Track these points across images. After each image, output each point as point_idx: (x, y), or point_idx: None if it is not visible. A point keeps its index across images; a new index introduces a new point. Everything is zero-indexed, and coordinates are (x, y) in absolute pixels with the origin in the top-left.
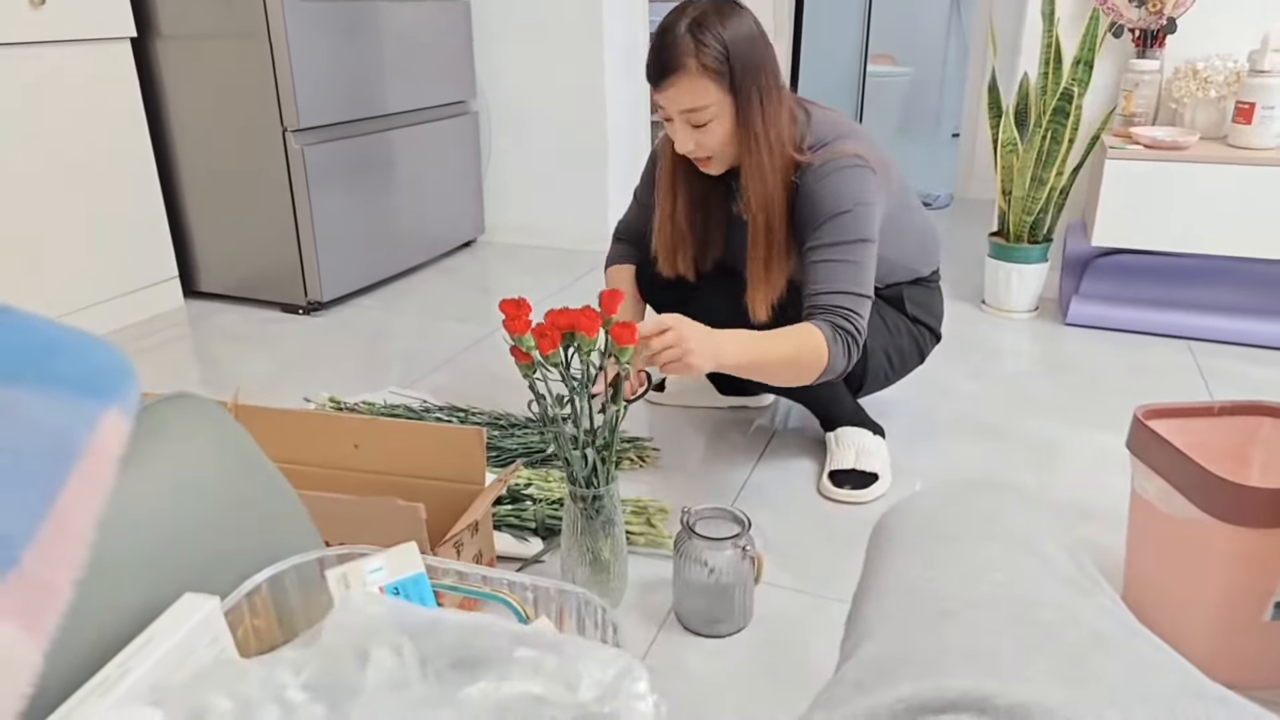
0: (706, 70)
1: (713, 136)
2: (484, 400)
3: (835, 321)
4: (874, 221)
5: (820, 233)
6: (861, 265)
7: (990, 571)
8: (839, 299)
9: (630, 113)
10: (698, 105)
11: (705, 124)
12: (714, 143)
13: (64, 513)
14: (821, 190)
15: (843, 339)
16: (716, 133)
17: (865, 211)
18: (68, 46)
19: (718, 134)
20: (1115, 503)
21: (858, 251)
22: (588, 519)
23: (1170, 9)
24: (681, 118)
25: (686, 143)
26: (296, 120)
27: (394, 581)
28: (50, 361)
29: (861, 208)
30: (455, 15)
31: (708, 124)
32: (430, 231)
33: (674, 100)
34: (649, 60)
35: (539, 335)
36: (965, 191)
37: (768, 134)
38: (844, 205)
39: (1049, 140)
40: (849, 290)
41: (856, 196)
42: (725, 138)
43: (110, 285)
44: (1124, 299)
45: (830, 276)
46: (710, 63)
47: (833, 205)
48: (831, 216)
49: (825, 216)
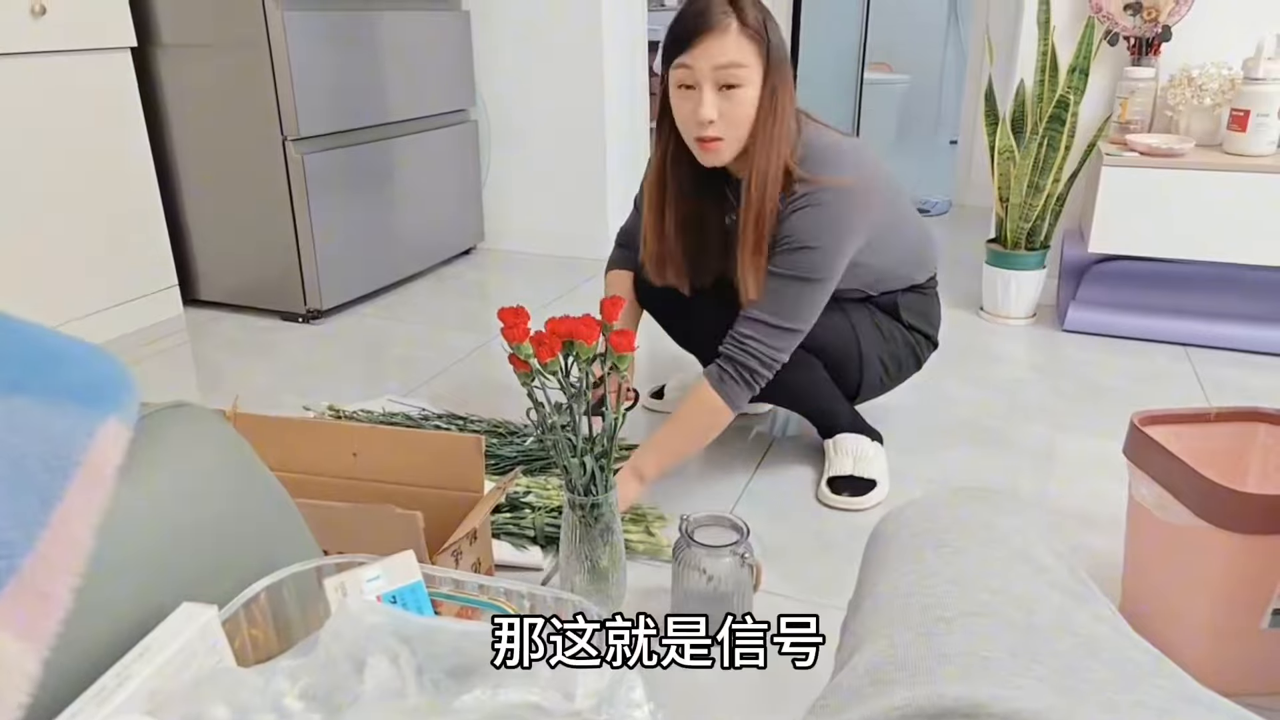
0: (747, 30)
1: (739, 106)
2: (483, 408)
3: (731, 355)
4: (838, 261)
5: (780, 259)
6: (803, 302)
7: (985, 579)
8: (755, 329)
9: (629, 121)
10: (736, 61)
11: (736, 87)
12: (739, 113)
13: (64, 521)
14: (795, 220)
15: (733, 375)
16: (744, 101)
17: (832, 251)
18: (68, 56)
19: (745, 103)
20: (1113, 509)
21: (805, 289)
22: (586, 527)
23: (1165, 17)
24: (713, 77)
25: (711, 109)
26: (296, 129)
27: (391, 590)
28: (51, 371)
29: (828, 247)
30: (454, 24)
31: (738, 89)
32: (429, 239)
33: (709, 55)
34: (678, 26)
35: (537, 343)
36: (963, 198)
37: (784, 121)
38: (811, 240)
39: (1045, 147)
40: (773, 322)
41: (828, 235)
42: (750, 110)
43: (110, 294)
44: (1121, 305)
45: (764, 302)
46: (751, 26)
47: (800, 236)
48: (795, 248)
49: (789, 245)
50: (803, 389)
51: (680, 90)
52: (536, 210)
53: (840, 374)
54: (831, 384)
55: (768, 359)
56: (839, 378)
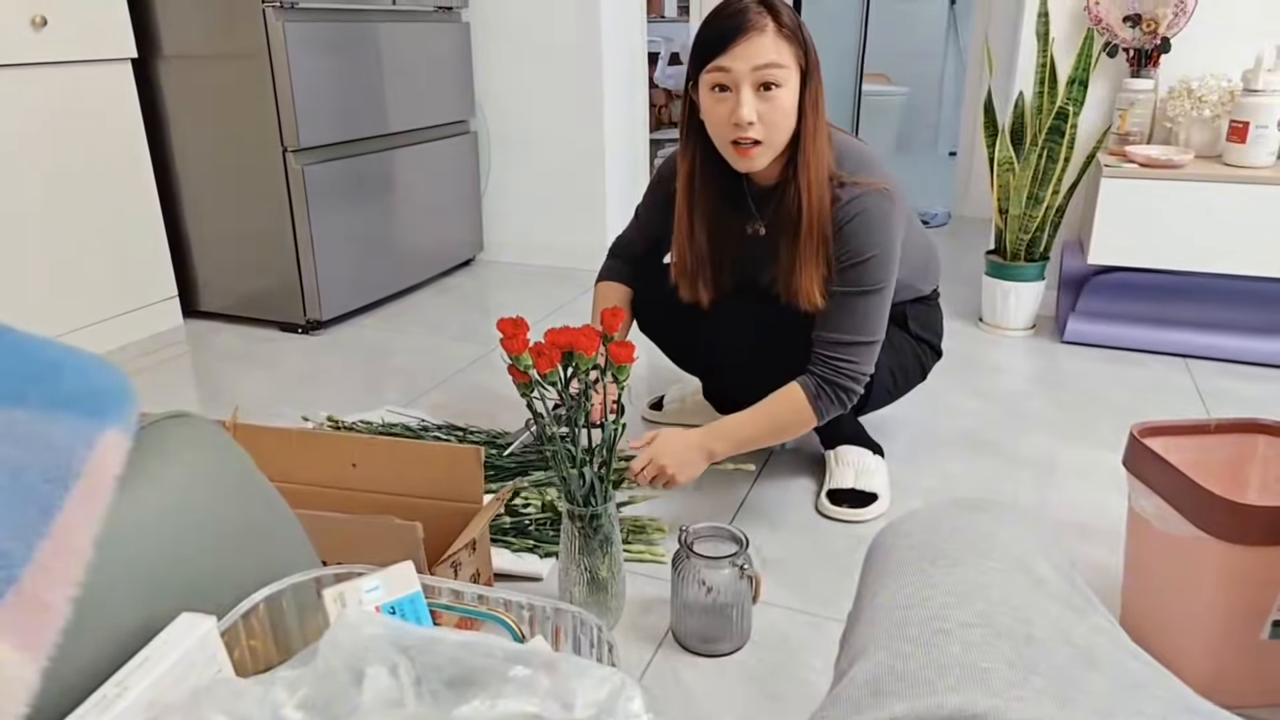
0: (784, 31)
1: (778, 107)
2: (482, 418)
3: (825, 376)
4: (894, 264)
5: (841, 276)
6: (873, 312)
7: (984, 590)
8: (840, 350)
9: (628, 132)
10: (775, 61)
11: (776, 87)
12: (778, 115)
13: (63, 532)
14: (847, 234)
15: (829, 393)
16: (783, 102)
17: (887, 256)
18: (69, 68)
19: (783, 105)
20: (1114, 521)
21: (873, 300)
22: (585, 538)
23: (1164, 29)
24: (752, 78)
25: (750, 110)
26: (296, 140)
27: (390, 601)
28: (51, 382)
29: (884, 253)
30: (454, 35)
31: (777, 90)
32: (429, 250)
33: (748, 56)
34: (710, 31)
35: (537, 354)
36: (962, 209)
37: (820, 128)
38: (868, 250)
39: (1045, 159)
40: (854, 340)
41: (881, 241)
42: (788, 112)
43: (110, 304)
44: (1121, 317)
45: (839, 323)
46: (788, 27)
47: (857, 249)
48: (855, 263)
49: (849, 260)
50: None
51: (714, 93)
52: (536, 221)
53: None
54: None
55: (860, 375)
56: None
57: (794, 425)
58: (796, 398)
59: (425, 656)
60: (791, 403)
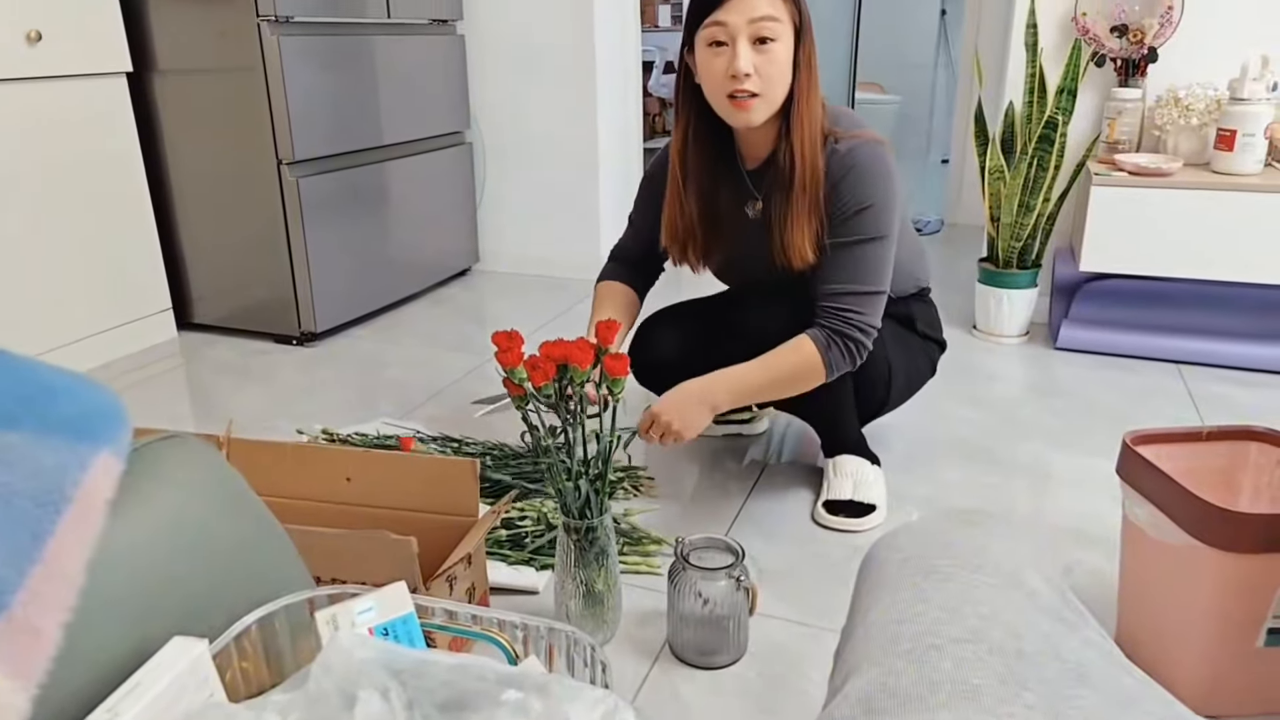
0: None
1: (774, 61)
2: (478, 430)
3: (834, 326)
4: (894, 213)
5: (840, 228)
6: (877, 262)
7: (975, 605)
8: (844, 300)
9: (623, 142)
10: (770, 15)
11: (771, 40)
12: (774, 69)
13: (55, 557)
14: (842, 188)
15: (839, 344)
16: (778, 56)
17: (887, 203)
18: (64, 82)
19: (779, 58)
20: (1110, 528)
21: (877, 248)
22: (581, 550)
23: (1151, 39)
24: (748, 30)
25: (747, 63)
26: (291, 153)
27: (383, 622)
28: (43, 405)
29: (884, 200)
30: (449, 47)
31: (772, 44)
32: (424, 261)
33: (744, 10)
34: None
35: (531, 367)
36: (955, 217)
37: (813, 86)
38: (868, 199)
39: (1035, 167)
40: (858, 289)
41: (881, 189)
42: (783, 66)
43: (104, 318)
44: (1113, 323)
45: (842, 274)
46: None
47: (858, 198)
48: (854, 212)
49: (848, 211)
50: (832, 398)
51: (711, 49)
52: (531, 232)
53: (870, 391)
54: (853, 400)
55: (868, 327)
56: (868, 395)
57: (801, 377)
58: (805, 348)
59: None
60: (799, 355)
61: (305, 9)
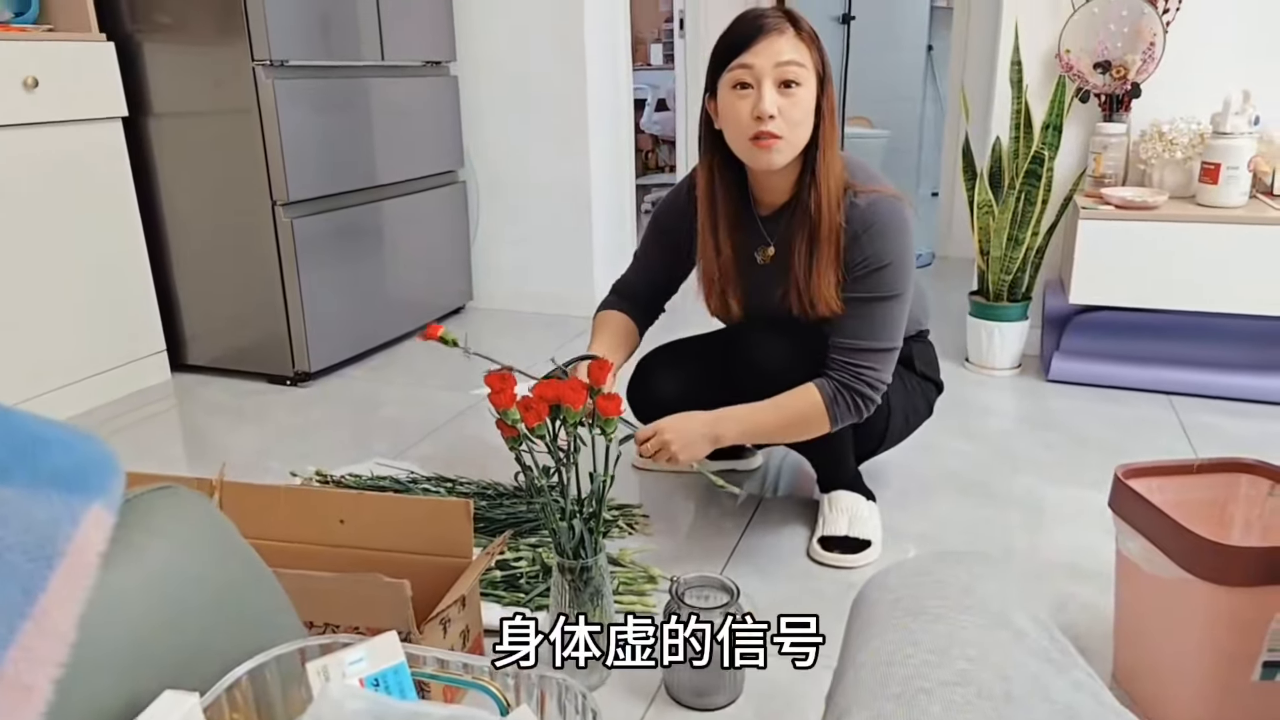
0: (803, 35)
1: (798, 104)
2: (472, 469)
3: (844, 380)
4: (911, 271)
5: (858, 284)
6: (892, 319)
7: (964, 647)
8: (857, 356)
9: (615, 179)
10: (796, 60)
11: (796, 85)
12: (797, 112)
13: (47, 612)
14: (864, 243)
15: (846, 398)
16: (803, 100)
17: (904, 262)
18: (61, 127)
19: (803, 102)
20: (1104, 562)
21: (892, 307)
22: (576, 590)
23: (1134, 75)
24: (774, 74)
25: (771, 103)
26: (286, 194)
27: (374, 673)
28: (34, 458)
29: (901, 258)
30: (443, 88)
31: (797, 88)
32: (419, 299)
33: (771, 53)
34: (732, 35)
35: (524, 408)
36: (945, 250)
37: (834, 135)
38: (886, 256)
39: (1023, 201)
40: (872, 346)
41: (899, 247)
42: (808, 110)
43: (98, 360)
44: (1105, 355)
45: (856, 329)
46: (806, 33)
47: (876, 255)
48: (873, 269)
49: (868, 267)
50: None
51: (735, 91)
52: (525, 269)
53: (869, 429)
54: (851, 438)
55: (878, 382)
56: (866, 433)
57: (805, 425)
58: (812, 398)
59: None
60: (806, 403)
61: (300, 52)
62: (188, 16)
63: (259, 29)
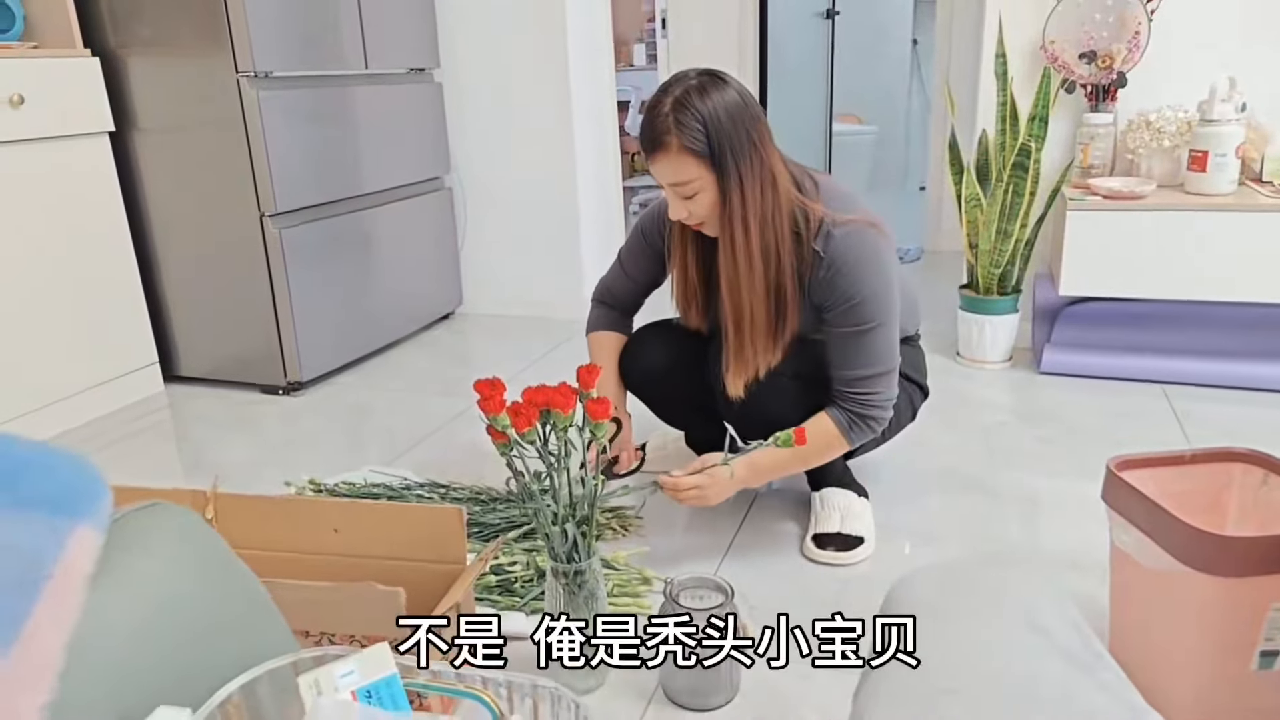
0: (686, 150)
1: (701, 206)
2: (466, 474)
3: (855, 410)
4: (893, 296)
5: (839, 319)
6: (881, 345)
7: (991, 649)
8: (860, 385)
9: (601, 182)
10: (681, 180)
11: (693, 195)
12: (703, 211)
13: (33, 636)
14: (840, 273)
15: (859, 425)
16: (704, 202)
17: (886, 291)
18: (48, 143)
19: (705, 203)
20: (1100, 553)
21: (880, 334)
22: (570, 594)
23: (1119, 64)
24: (670, 189)
25: (679, 211)
26: (274, 205)
27: (366, 685)
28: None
29: (882, 289)
30: (427, 95)
31: (695, 195)
32: (409, 306)
33: (660, 173)
34: (640, 134)
35: (514, 414)
36: (935, 244)
37: (746, 212)
38: (857, 295)
39: (1011, 194)
40: (870, 373)
41: (877, 279)
42: (712, 206)
43: (90, 374)
44: (1096, 346)
45: (851, 360)
46: (690, 142)
47: (849, 294)
48: (850, 306)
49: (846, 303)
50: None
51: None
52: (514, 273)
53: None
54: None
55: (886, 403)
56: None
57: (828, 451)
58: (829, 430)
59: None
60: (826, 435)
61: (284, 64)
62: (171, 30)
63: (242, 41)
